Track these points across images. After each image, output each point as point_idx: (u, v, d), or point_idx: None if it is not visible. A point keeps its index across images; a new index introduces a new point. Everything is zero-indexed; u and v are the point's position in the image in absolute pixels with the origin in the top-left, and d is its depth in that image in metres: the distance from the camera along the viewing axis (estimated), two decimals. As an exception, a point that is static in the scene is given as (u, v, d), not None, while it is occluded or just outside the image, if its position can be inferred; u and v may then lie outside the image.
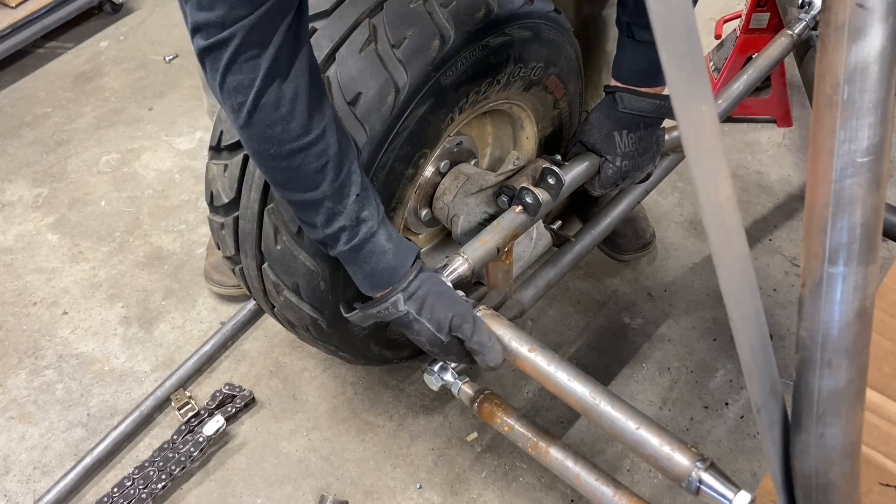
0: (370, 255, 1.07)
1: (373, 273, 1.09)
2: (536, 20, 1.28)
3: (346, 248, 1.06)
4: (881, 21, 0.59)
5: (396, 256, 1.09)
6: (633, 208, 1.58)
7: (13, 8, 2.45)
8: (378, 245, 1.07)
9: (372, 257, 1.07)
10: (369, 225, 1.06)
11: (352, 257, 1.08)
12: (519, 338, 1.13)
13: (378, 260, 1.08)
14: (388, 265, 1.08)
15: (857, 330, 0.72)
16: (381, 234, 1.07)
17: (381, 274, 1.09)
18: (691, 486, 0.96)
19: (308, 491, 1.49)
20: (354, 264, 1.09)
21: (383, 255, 1.08)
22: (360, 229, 1.05)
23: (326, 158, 1.00)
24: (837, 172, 0.65)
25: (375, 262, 1.08)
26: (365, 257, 1.07)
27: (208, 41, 0.88)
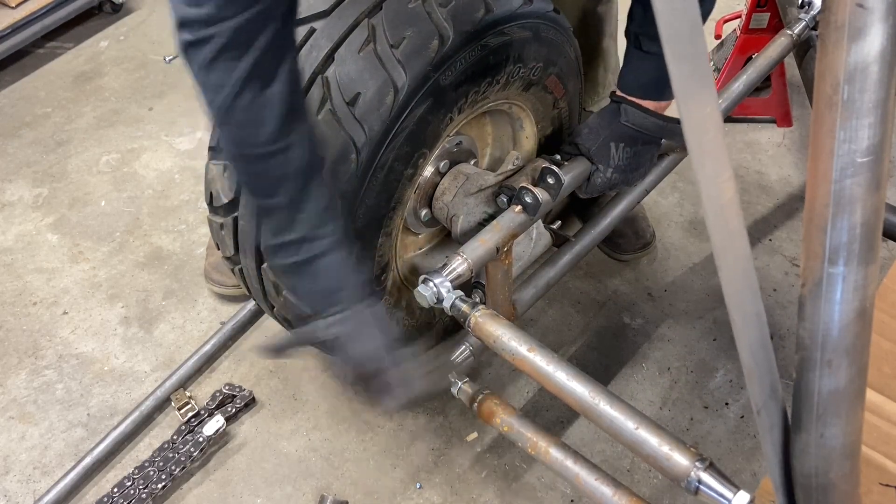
0: (313, 273, 1.05)
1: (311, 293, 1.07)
2: (536, 20, 1.28)
3: (288, 262, 1.04)
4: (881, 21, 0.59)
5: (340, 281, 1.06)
6: (633, 208, 1.58)
7: (13, 8, 2.45)
8: (324, 267, 1.04)
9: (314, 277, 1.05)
10: (322, 244, 1.03)
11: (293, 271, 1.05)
12: (519, 338, 1.13)
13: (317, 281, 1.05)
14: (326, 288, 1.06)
15: (857, 330, 0.72)
16: (331, 257, 1.04)
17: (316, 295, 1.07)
18: (690, 486, 0.96)
19: (308, 491, 1.49)
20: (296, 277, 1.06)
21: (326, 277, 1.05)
22: (307, 246, 1.03)
23: (286, 170, 0.98)
24: (837, 172, 0.65)
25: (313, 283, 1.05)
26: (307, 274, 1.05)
27: (192, 37, 0.88)
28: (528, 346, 1.12)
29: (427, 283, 1.18)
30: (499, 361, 1.65)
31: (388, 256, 1.32)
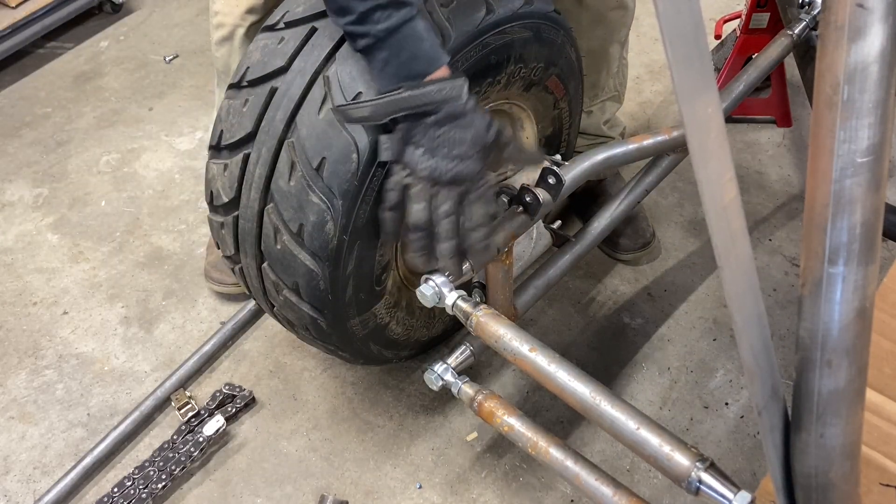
0: (408, 39, 0.99)
1: (410, 59, 1.00)
2: (537, 20, 1.28)
3: (382, 27, 0.99)
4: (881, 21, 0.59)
5: (434, 49, 1.01)
6: (633, 208, 1.58)
7: (13, 8, 2.45)
8: (417, 31, 1.00)
9: (410, 42, 0.99)
10: (408, 9, 0.99)
11: (387, 41, 1.00)
12: (519, 338, 1.13)
13: (417, 46, 1.00)
14: (427, 53, 1.00)
15: (857, 330, 0.72)
16: (419, 21, 1.01)
17: (419, 61, 1.00)
18: (691, 486, 0.96)
19: (308, 491, 1.49)
20: (388, 50, 1.00)
21: (422, 41, 1.00)
22: (398, 10, 0.99)
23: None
24: (837, 172, 0.65)
25: (414, 48, 0.99)
26: (402, 42, 0.99)
27: None
28: (529, 346, 1.12)
29: (429, 283, 1.18)
30: (499, 361, 1.65)
31: (389, 256, 1.32)
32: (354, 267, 1.23)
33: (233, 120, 1.20)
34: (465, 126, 1.04)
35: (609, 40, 1.64)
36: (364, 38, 1.02)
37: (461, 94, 1.02)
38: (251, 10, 1.50)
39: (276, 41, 1.18)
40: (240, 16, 1.52)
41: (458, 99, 1.03)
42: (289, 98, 1.15)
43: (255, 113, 1.18)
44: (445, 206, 1.08)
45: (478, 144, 1.05)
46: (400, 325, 1.43)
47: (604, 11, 1.59)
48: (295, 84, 1.15)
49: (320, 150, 1.13)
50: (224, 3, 1.53)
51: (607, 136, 1.80)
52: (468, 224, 1.11)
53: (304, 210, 1.15)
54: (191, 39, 2.63)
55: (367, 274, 1.28)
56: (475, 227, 1.11)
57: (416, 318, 1.47)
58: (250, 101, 1.19)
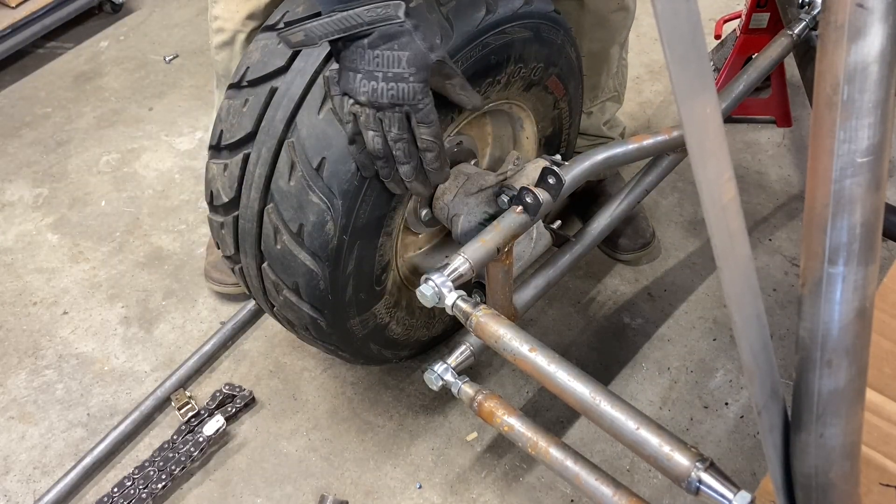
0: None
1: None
2: (536, 20, 1.28)
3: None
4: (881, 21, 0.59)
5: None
6: (633, 208, 1.58)
7: (13, 8, 2.45)
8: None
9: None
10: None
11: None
12: (519, 338, 1.13)
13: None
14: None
15: (857, 330, 0.72)
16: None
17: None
18: (691, 486, 0.96)
19: (308, 491, 1.49)
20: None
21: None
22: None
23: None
24: (837, 172, 0.65)
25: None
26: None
27: None
28: (529, 346, 1.12)
29: (428, 283, 1.18)
30: (499, 361, 1.65)
31: (389, 256, 1.32)
32: (354, 267, 1.23)
33: (233, 120, 1.20)
34: (401, 47, 1.00)
35: (610, 42, 1.64)
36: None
37: (395, 13, 0.99)
38: (252, 16, 1.50)
39: (276, 41, 1.18)
40: (241, 21, 1.52)
41: (391, 19, 1.00)
42: (289, 98, 1.15)
43: (255, 113, 1.18)
44: (393, 131, 1.06)
45: (414, 65, 1.01)
46: (400, 325, 1.43)
47: (605, 13, 1.59)
48: (295, 84, 1.15)
49: (320, 150, 1.13)
50: (224, 8, 1.53)
51: (607, 136, 1.80)
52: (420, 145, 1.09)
53: (304, 210, 1.15)
54: (191, 39, 2.63)
55: (367, 274, 1.28)
56: (424, 150, 1.09)
57: (416, 318, 1.47)
58: (250, 101, 1.19)
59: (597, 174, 1.47)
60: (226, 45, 1.57)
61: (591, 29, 1.60)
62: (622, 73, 1.75)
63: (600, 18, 1.59)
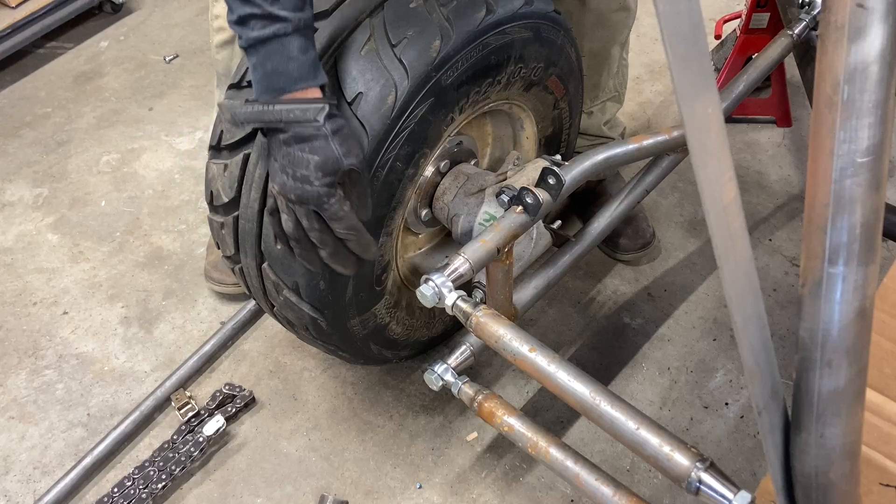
0: (275, 53, 1.02)
1: (273, 73, 1.03)
2: (537, 20, 1.28)
3: (253, 35, 1.01)
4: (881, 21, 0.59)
5: (302, 69, 1.03)
6: (633, 208, 1.58)
7: (13, 8, 2.45)
8: (287, 48, 1.01)
9: (276, 57, 1.02)
10: (282, 25, 1.01)
11: (256, 50, 1.02)
12: (519, 338, 1.13)
13: (281, 62, 1.02)
14: (290, 72, 1.03)
15: (857, 330, 0.72)
16: (294, 40, 1.01)
17: (280, 76, 1.03)
18: (691, 487, 0.96)
19: (308, 491, 1.49)
20: (257, 57, 1.03)
21: (289, 60, 1.02)
22: (272, 24, 1.00)
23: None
24: (837, 172, 0.65)
25: (278, 63, 1.02)
26: (269, 54, 1.02)
27: None
28: (529, 347, 1.12)
29: (429, 283, 1.18)
30: (499, 361, 1.65)
31: (389, 256, 1.32)
32: (354, 267, 1.23)
33: (233, 120, 1.20)
34: (312, 150, 1.04)
35: (611, 42, 1.65)
36: (240, 39, 1.04)
37: (313, 118, 1.03)
38: None
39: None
40: None
41: (308, 122, 1.03)
42: (289, 98, 1.15)
43: (255, 113, 1.18)
44: (303, 222, 1.10)
45: (321, 170, 1.05)
46: (400, 325, 1.43)
47: (606, 13, 1.59)
48: (295, 84, 1.15)
49: (320, 150, 1.12)
50: (225, 7, 1.53)
51: (607, 136, 1.80)
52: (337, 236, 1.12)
53: (304, 210, 1.15)
54: (191, 39, 2.63)
55: (367, 274, 1.28)
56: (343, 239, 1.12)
57: (416, 318, 1.47)
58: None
59: (597, 174, 1.47)
60: (226, 44, 1.57)
61: (592, 28, 1.60)
62: (623, 73, 1.75)
63: (601, 18, 1.60)
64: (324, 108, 1.03)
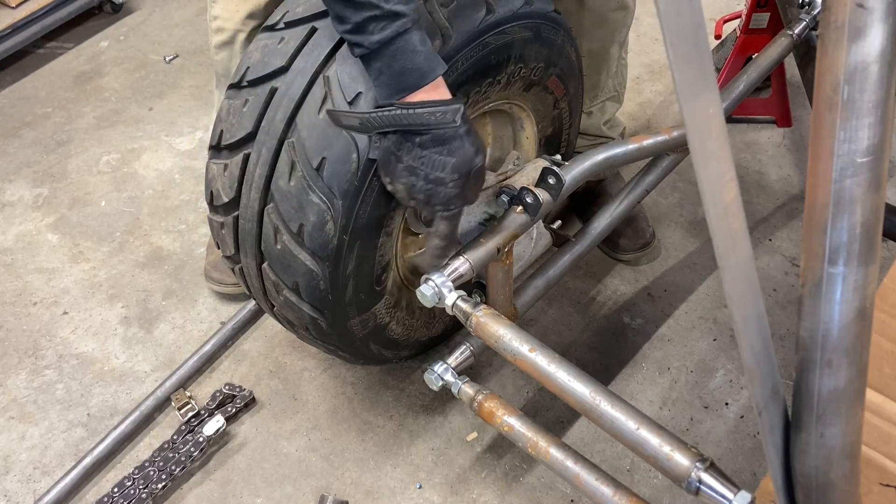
0: (401, 52, 1.00)
1: (402, 72, 1.01)
2: (537, 20, 1.28)
3: (376, 38, 0.99)
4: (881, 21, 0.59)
5: (429, 61, 1.02)
6: (633, 208, 1.58)
7: (13, 8, 2.45)
8: (410, 43, 1.00)
9: (403, 55, 1.00)
10: (403, 21, 0.99)
11: (380, 53, 1.00)
12: (519, 338, 1.13)
13: (409, 59, 1.00)
14: (419, 67, 1.01)
15: (857, 330, 0.72)
16: (414, 33, 1.01)
17: (410, 73, 1.01)
18: (691, 487, 0.96)
19: (308, 491, 1.49)
20: (382, 61, 1.01)
21: (415, 54, 1.00)
22: (391, 22, 0.99)
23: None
24: (837, 172, 0.65)
25: (406, 61, 1.00)
26: (395, 53, 1.00)
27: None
28: (529, 347, 1.12)
29: (429, 283, 1.18)
30: (499, 361, 1.65)
31: (389, 256, 1.32)
32: (354, 267, 1.23)
33: (233, 120, 1.20)
34: (450, 152, 1.04)
35: (610, 41, 1.64)
36: (359, 48, 1.03)
37: (454, 119, 1.03)
38: (252, 16, 1.50)
39: (276, 41, 1.18)
40: (241, 21, 1.52)
41: (449, 124, 1.03)
42: (289, 98, 1.15)
43: (255, 113, 1.18)
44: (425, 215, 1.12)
45: (458, 171, 1.06)
46: (400, 325, 1.43)
47: (605, 12, 1.59)
48: (295, 84, 1.15)
49: (320, 150, 1.13)
50: (223, 8, 1.53)
51: (607, 136, 1.80)
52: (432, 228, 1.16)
53: (304, 210, 1.15)
54: (191, 39, 2.63)
55: (367, 274, 1.28)
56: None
57: (416, 318, 1.47)
58: (250, 101, 1.19)
59: (597, 174, 1.47)
60: (225, 44, 1.57)
61: (591, 28, 1.60)
62: (622, 72, 1.75)
63: (600, 17, 1.60)
64: (460, 108, 1.02)
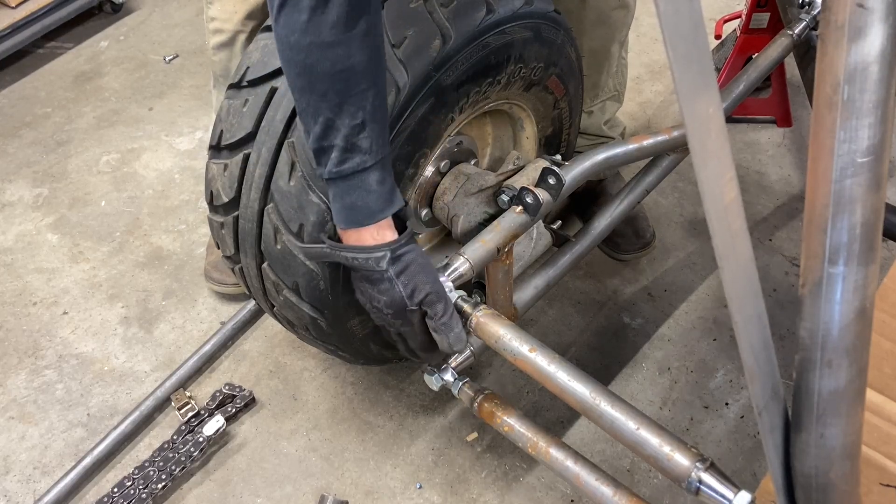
0: (355, 188, 1.04)
1: (352, 206, 1.05)
2: (537, 20, 1.28)
3: (333, 169, 1.03)
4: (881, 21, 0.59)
5: (380, 202, 1.05)
6: (633, 208, 1.58)
7: (13, 8, 2.45)
8: (366, 182, 1.03)
9: (354, 191, 1.04)
10: (363, 158, 1.02)
11: (335, 182, 1.05)
12: (519, 338, 1.13)
13: (361, 196, 1.04)
14: (370, 206, 1.05)
15: (857, 330, 0.72)
16: (373, 173, 1.03)
17: (360, 210, 1.05)
18: (691, 487, 0.96)
19: (308, 491, 1.49)
20: (335, 189, 1.06)
21: (369, 193, 1.04)
22: (351, 157, 1.01)
23: (344, 66, 0.97)
24: (837, 172, 0.65)
25: (358, 198, 1.04)
26: (349, 188, 1.04)
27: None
28: (529, 347, 1.12)
29: (428, 283, 1.18)
30: (499, 361, 1.65)
31: (389, 256, 1.32)
32: (354, 267, 1.23)
33: (233, 120, 1.20)
34: (380, 292, 1.10)
35: (611, 40, 1.64)
36: (320, 168, 1.06)
37: (376, 266, 1.07)
38: (251, 16, 1.50)
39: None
40: (240, 22, 1.52)
41: (372, 268, 1.08)
42: (289, 98, 1.15)
43: (255, 113, 1.18)
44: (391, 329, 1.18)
45: (392, 308, 1.11)
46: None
47: (606, 11, 1.59)
48: (295, 84, 1.15)
49: (320, 150, 1.12)
50: (220, 9, 1.53)
51: (607, 136, 1.80)
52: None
53: (304, 210, 1.15)
54: (191, 39, 2.63)
55: (367, 274, 1.28)
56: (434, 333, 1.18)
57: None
58: (250, 101, 1.19)
59: (597, 174, 1.47)
60: (224, 45, 1.57)
61: (592, 27, 1.60)
62: (622, 72, 1.75)
63: (601, 16, 1.59)
64: (385, 256, 1.06)
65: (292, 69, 0.99)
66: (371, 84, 1.00)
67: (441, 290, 1.13)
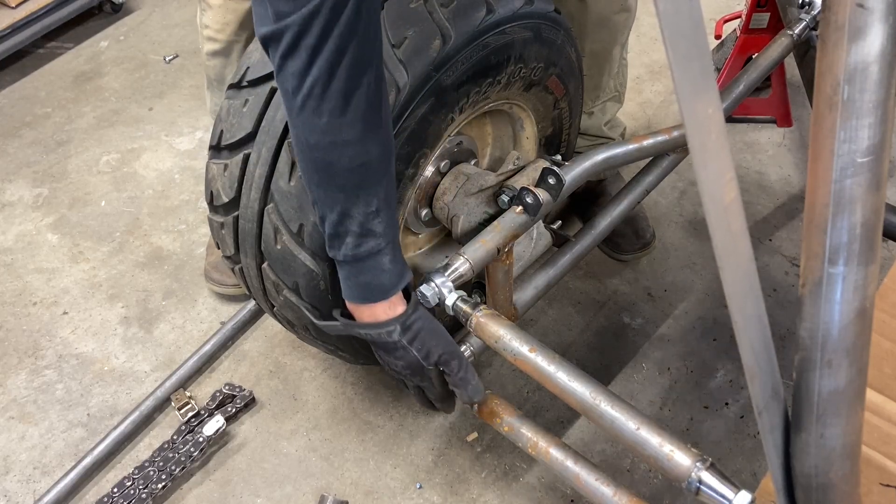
0: (368, 269, 1.08)
1: (365, 286, 1.10)
2: (537, 20, 1.28)
3: (349, 253, 1.06)
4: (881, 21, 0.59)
5: (392, 279, 1.10)
6: (633, 208, 1.58)
7: (13, 8, 2.45)
8: (380, 263, 1.08)
9: (369, 272, 1.08)
10: (377, 242, 1.06)
11: (349, 265, 1.09)
12: (519, 338, 1.13)
13: (375, 276, 1.08)
14: (383, 284, 1.09)
15: (857, 330, 0.72)
16: (386, 253, 1.08)
17: (373, 289, 1.10)
18: (691, 486, 0.96)
19: (308, 491, 1.49)
20: (349, 270, 1.10)
21: (382, 273, 1.08)
22: (366, 241, 1.06)
23: (362, 161, 1.00)
24: (837, 172, 0.65)
25: (371, 277, 1.09)
26: (363, 269, 1.08)
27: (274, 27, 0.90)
28: (529, 347, 1.12)
29: (429, 283, 1.18)
30: (499, 361, 1.65)
31: (389, 256, 1.32)
32: (354, 267, 1.23)
33: (233, 120, 1.20)
34: (397, 357, 1.15)
35: (612, 42, 1.65)
36: (332, 250, 1.09)
37: (388, 339, 1.12)
38: (243, 26, 1.51)
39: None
40: (233, 33, 1.53)
41: (386, 340, 1.13)
42: (289, 98, 1.15)
43: (255, 113, 1.18)
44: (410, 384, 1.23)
45: (409, 369, 1.16)
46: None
47: (608, 14, 1.59)
48: (295, 84, 1.15)
49: (320, 150, 1.12)
50: (213, 19, 1.53)
51: (608, 136, 1.80)
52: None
53: (304, 210, 1.15)
54: (191, 39, 2.63)
55: (367, 274, 1.28)
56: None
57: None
58: (250, 101, 1.19)
59: (597, 174, 1.47)
60: (217, 53, 1.58)
61: (594, 30, 1.60)
62: (623, 72, 1.75)
63: (603, 19, 1.60)
64: (395, 329, 1.11)
65: (309, 165, 1.02)
66: (384, 173, 1.04)
67: (454, 349, 1.17)
